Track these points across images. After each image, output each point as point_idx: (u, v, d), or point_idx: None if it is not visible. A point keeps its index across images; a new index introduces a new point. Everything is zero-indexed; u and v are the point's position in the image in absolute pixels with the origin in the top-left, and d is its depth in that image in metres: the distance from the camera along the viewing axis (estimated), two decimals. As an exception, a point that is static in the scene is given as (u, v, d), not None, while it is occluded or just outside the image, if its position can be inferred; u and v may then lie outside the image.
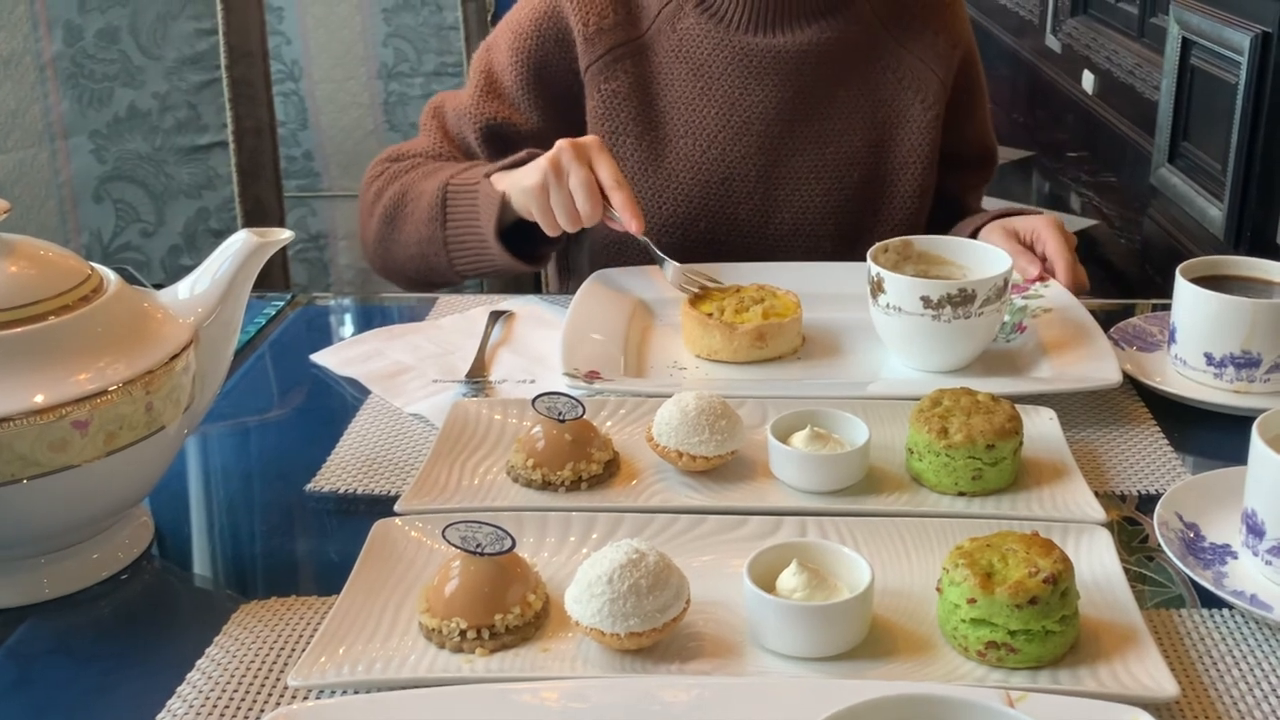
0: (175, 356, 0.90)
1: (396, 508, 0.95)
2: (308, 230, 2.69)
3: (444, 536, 0.83)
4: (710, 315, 1.24)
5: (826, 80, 1.52)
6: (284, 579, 0.94)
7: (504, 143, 1.53)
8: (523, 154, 1.38)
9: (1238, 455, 1.05)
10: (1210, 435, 1.14)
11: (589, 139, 1.31)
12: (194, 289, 0.95)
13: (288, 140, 2.58)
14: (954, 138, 1.60)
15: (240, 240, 0.97)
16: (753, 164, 1.51)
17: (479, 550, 0.82)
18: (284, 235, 0.98)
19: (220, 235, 1.97)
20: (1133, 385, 1.20)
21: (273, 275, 2.01)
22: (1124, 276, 4.42)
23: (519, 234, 1.38)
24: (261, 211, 1.98)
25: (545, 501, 0.98)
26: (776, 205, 1.53)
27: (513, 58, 1.51)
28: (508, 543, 0.82)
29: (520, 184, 1.31)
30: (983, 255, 1.25)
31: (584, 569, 0.81)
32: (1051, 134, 5.94)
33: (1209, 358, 1.17)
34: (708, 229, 1.53)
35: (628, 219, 1.29)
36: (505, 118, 1.52)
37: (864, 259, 1.62)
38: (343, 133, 2.60)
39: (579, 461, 0.99)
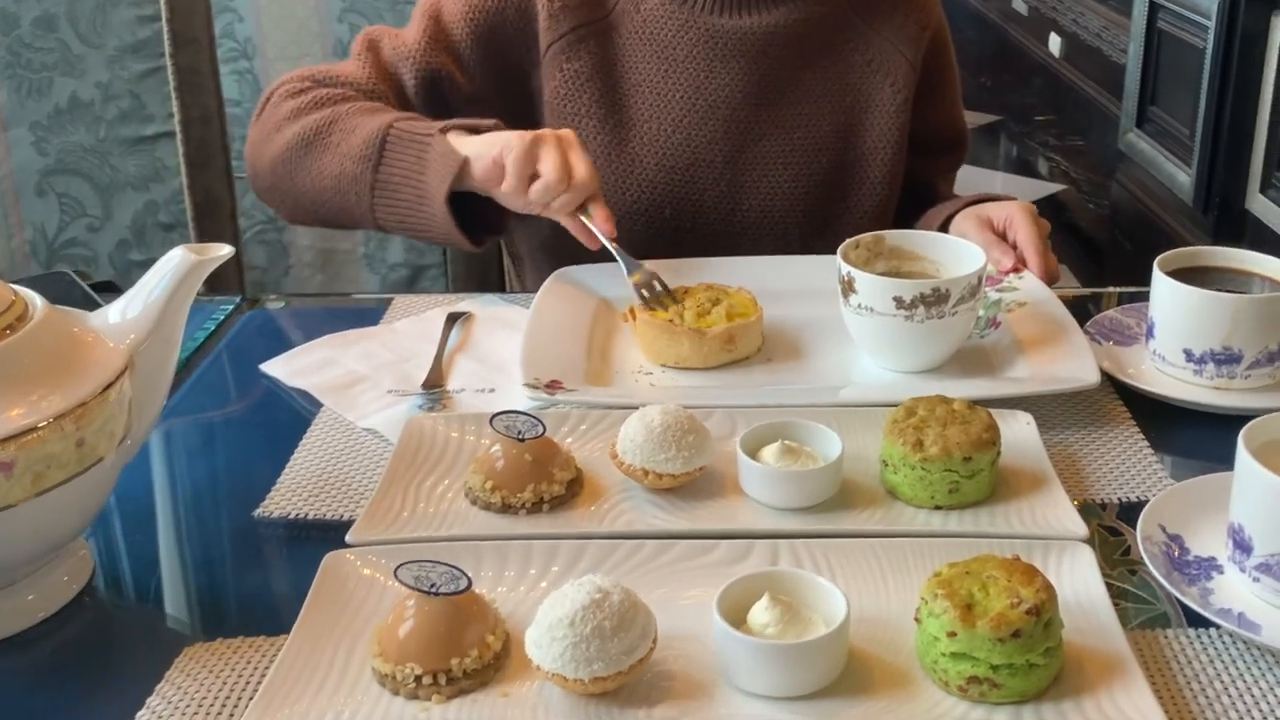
0: (109, 386, 0.85)
1: (348, 538, 0.90)
2: (265, 211, 2.62)
3: (396, 577, 0.79)
4: (672, 321, 1.19)
5: (794, 63, 1.47)
6: (232, 616, 0.89)
7: (440, 97, 1.45)
8: (490, 121, 1.31)
9: (1217, 454, 1.03)
10: (1190, 434, 1.11)
11: (566, 132, 1.26)
12: (126, 312, 0.90)
13: (243, 120, 2.50)
14: (924, 121, 1.56)
15: (177, 258, 0.91)
16: (719, 149, 1.46)
17: (433, 590, 0.78)
18: (223, 251, 0.92)
19: (170, 229, 1.91)
20: (1110, 381, 1.16)
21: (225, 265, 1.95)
22: (1093, 242, 4.41)
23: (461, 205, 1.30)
24: (212, 203, 1.92)
25: (505, 526, 0.93)
26: (743, 191, 1.48)
27: (467, 13, 1.43)
28: (463, 582, 0.78)
29: (489, 151, 1.24)
30: (956, 250, 1.21)
31: (545, 610, 0.76)
32: (1018, 97, 5.91)
33: (1189, 354, 1.13)
34: (673, 215, 1.49)
35: (600, 222, 1.24)
36: (449, 73, 1.44)
37: (833, 246, 1.58)
38: (298, 111, 2.53)
39: (540, 483, 0.95)
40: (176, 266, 0.91)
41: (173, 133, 1.87)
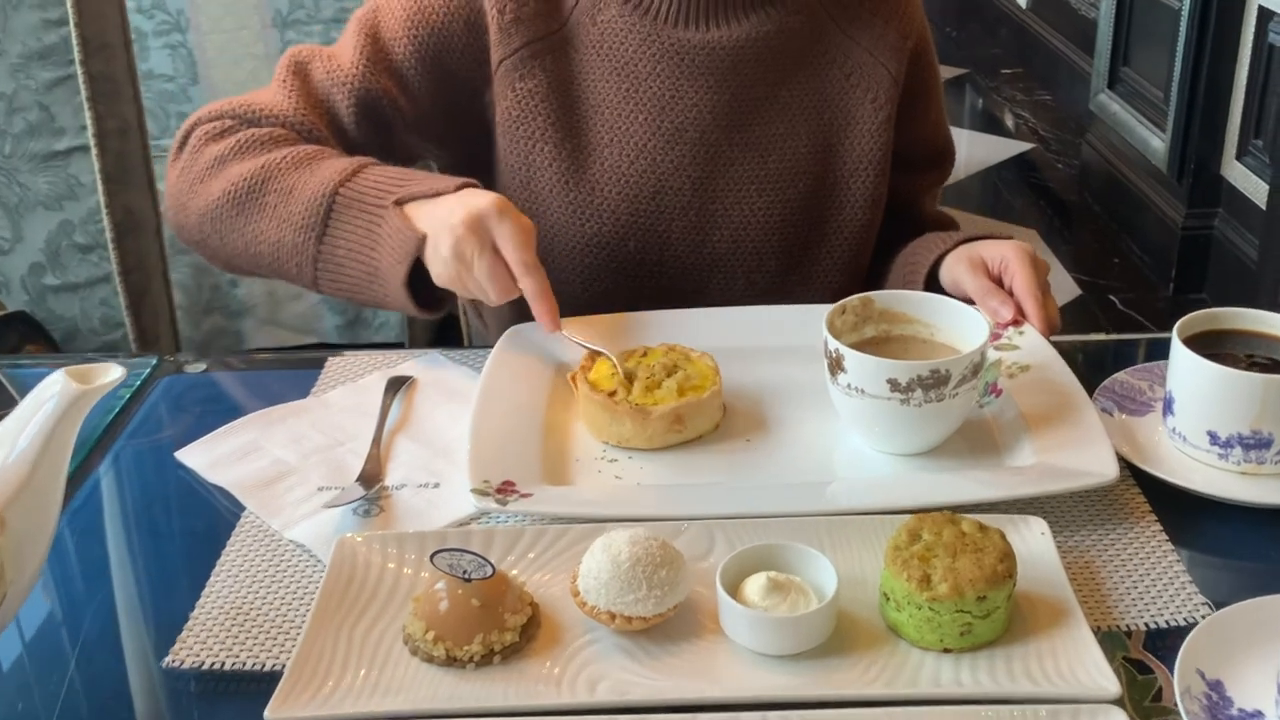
0: (-27, 556, 0.71)
1: (267, 714, 0.78)
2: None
3: (319, 799, 0.66)
4: (613, 395, 1.06)
5: (767, 79, 1.33)
6: (132, 810, 0.77)
7: (381, 123, 1.30)
8: (452, 181, 1.17)
9: (1247, 552, 0.97)
10: (1219, 529, 1.00)
11: (487, 207, 1.11)
12: (-6, 460, 0.76)
13: (177, 96, 2.38)
14: (907, 137, 1.43)
15: (57, 387, 0.77)
16: (686, 175, 1.33)
17: (364, 814, 0.66)
18: (112, 375, 0.79)
19: (88, 250, 1.75)
20: (1126, 465, 1.05)
21: (153, 287, 1.81)
22: (1062, 205, 4.31)
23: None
24: (134, 222, 1.76)
25: (450, 684, 0.81)
26: (714, 221, 1.35)
27: (410, 30, 1.29)
28: (399, 806, 0.66)
29: (434, 267, 1.13)
30: (952, 313, 1.09)
31: (496, 846, 0.64)
32: (985, 49, 5.77)
33: (1213, 436, 1.02)
34: (637, 249, 1.35)
35: (540, 315, 1.12)
36: (391, 97, 1.29)
37: (810, 278, 1.45)
38: (237, 87, 2.37)
39: (490, 632, 0.82)
40: (56, 398, 0.77)
41: (87, 147, 1.70)
